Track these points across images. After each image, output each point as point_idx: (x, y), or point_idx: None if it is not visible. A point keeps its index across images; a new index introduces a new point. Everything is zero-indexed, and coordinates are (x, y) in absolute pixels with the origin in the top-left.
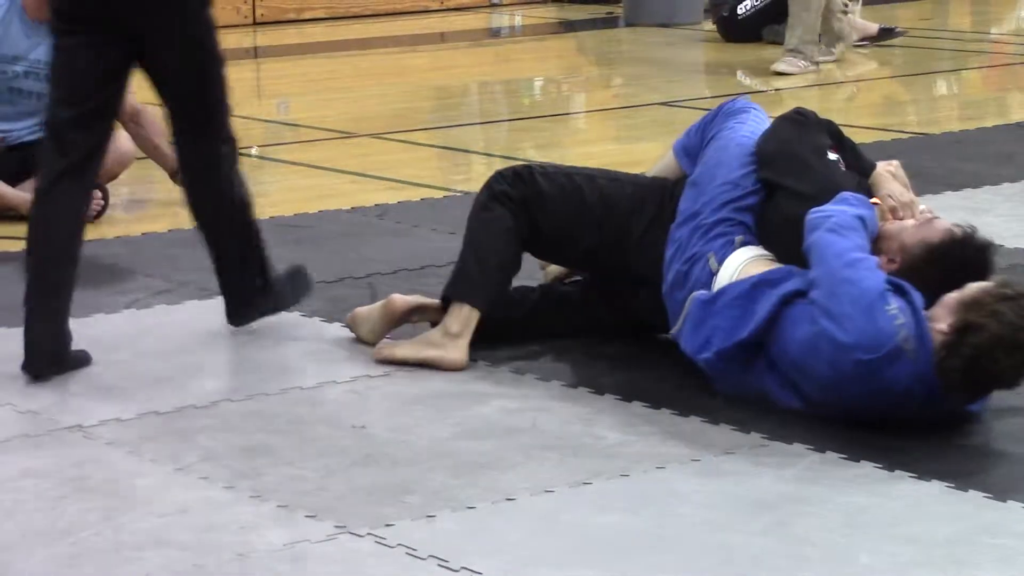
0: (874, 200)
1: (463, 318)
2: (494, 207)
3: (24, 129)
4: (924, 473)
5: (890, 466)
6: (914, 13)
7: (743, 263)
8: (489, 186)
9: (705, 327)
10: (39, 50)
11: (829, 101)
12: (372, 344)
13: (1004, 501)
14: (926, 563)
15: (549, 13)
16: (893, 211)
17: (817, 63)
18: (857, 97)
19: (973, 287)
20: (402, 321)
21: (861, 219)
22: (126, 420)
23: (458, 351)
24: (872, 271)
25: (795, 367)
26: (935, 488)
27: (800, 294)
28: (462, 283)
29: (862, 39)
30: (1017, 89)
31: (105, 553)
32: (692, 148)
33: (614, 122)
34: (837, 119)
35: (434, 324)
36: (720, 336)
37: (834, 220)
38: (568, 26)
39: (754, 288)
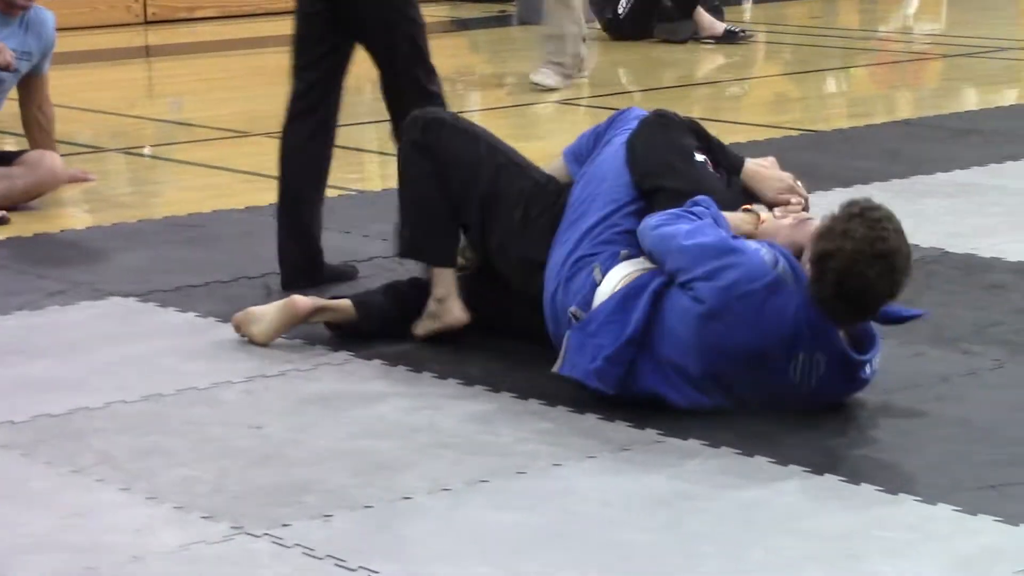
0: (746, 207)
1: (440, 280)
2: (413, 158)
3: None
4: (817, 468)
5: (783, 461)
6: (803, 11)
7: (624, 277)
8: (406, 133)
9: (587, 348)
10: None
11: (718, 99)
12: (262, 344)
13: (895, 495)
14: (819, 557)
15: (442, 11)
16: (779, 201)
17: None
18: (747, 95)
19: (823, 217)
20: (303, 321)
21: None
22: (19, 423)
23: (450, 314)
24: (714, 228)
25: (684, 347)
26: (828, 482)
27: (668, 284)
28: (420, 246)
29: (708, 38)
30: (905, 86)
31: None
32: (582, 154)
33: (507, 120)
34: (728, 116)
35: (330, 325)
36: (606, 347)
37: (656, 219)
38: (461, 24)
39: (624, 299)
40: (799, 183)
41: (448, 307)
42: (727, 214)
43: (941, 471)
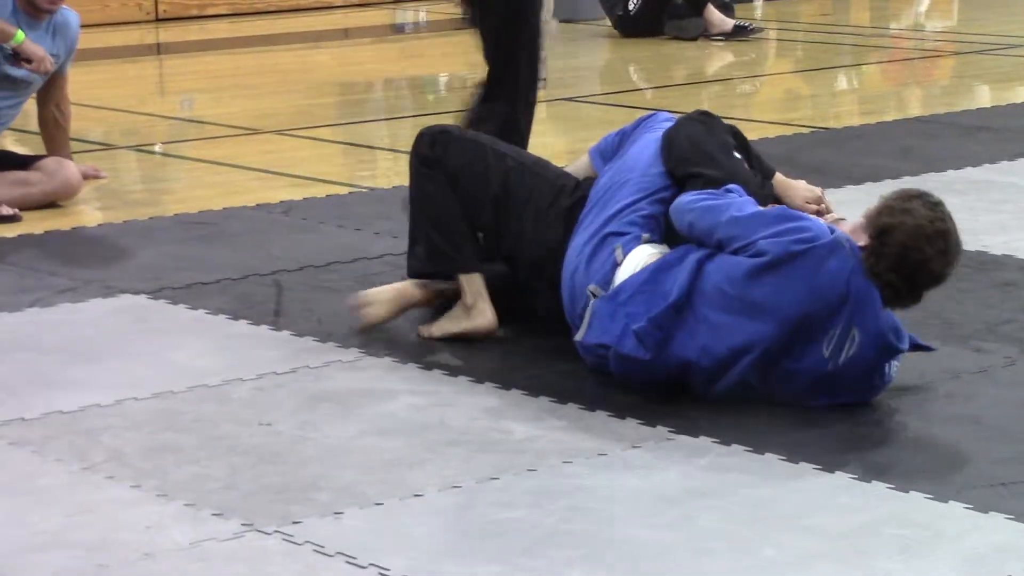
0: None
1: (468, 287)
2: (423, 171)
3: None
4: (828, 465)
5: (794, 459)
6: (815, 8)
7: (648, 256)
8: (415, 149)
9: (618, 316)
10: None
11: (730, 96)
12: (373, 324)
13: (907, 492)
14: (830, 555)
15: (453, 9)
16: (807, 209)
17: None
18: (758, 92)
19: (878, 201)
20: (420, 305)
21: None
22: (30, 419)
23: (482, 316)
24: (757, 205)
25: (730, 307)
26: (839, 480)
27: (710, 257)
28: (442, 260)
29: (718, 34)
30: (916, 84)
31: (10, 554)
32: (608, 152)
33: None
34: (739, 114)
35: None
36: (641, 312)
37: (694, 195)
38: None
39: (656, 271)
40: (826, 198)
41: (480, 309)
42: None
43: (952, 469)
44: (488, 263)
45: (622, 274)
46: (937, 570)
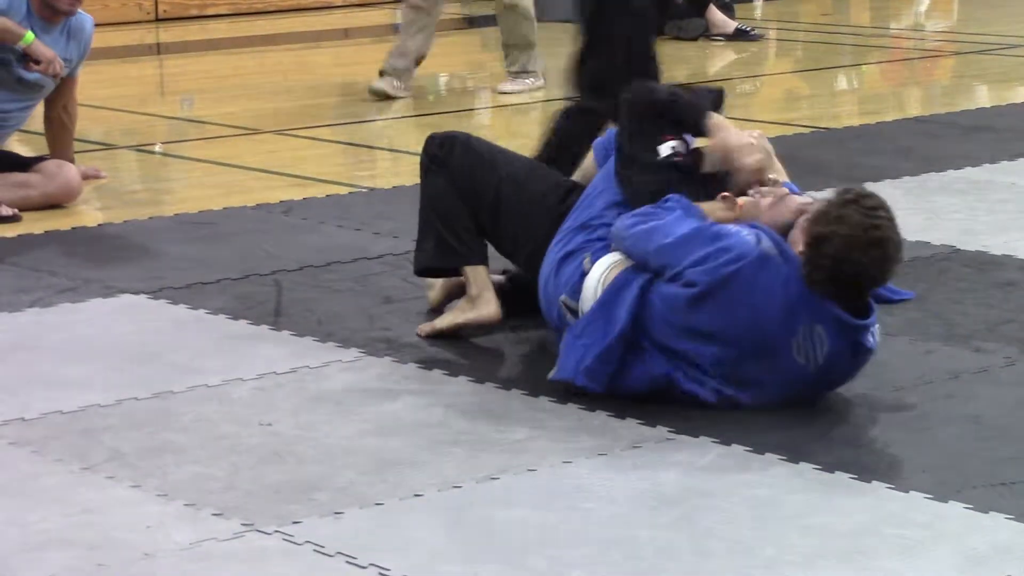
0: (724, 195)
1: (473, 279)
2: (432, 170)
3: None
4: (828, 465)
5: (794, 459)
6: (815, 8)
7: (611, 266)
8: (425, 150)
9: (575, 349)
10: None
11: (729, 96)
12: (432, 307)
13: (907, 492)
14: (830, 554)
15: (453, 9)
16: (754, 183)
17: (536, 75)
18: (758, 92)
19: (817, 202)
20: (461, 294)
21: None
22: (30, 420)
23: (487, 306)
24: (688, 220)
25: (686, 335)
26: (839, 479)
27: (653, 280)
28: (450, 254)
29: (718, 35)
30: (916, 84)
31: (9, 554)
32: (609, 149)
33: (519, 118)
34: (739, 114)
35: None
36: (594, 345)
37: (628, 220)
38: (472, 22)
39: (606, 300)
40: (763, 139)
41: (486, 299)
42: (704, 204)
43: (952, 468)
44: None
45: (588, 284)
46: (937, 570)
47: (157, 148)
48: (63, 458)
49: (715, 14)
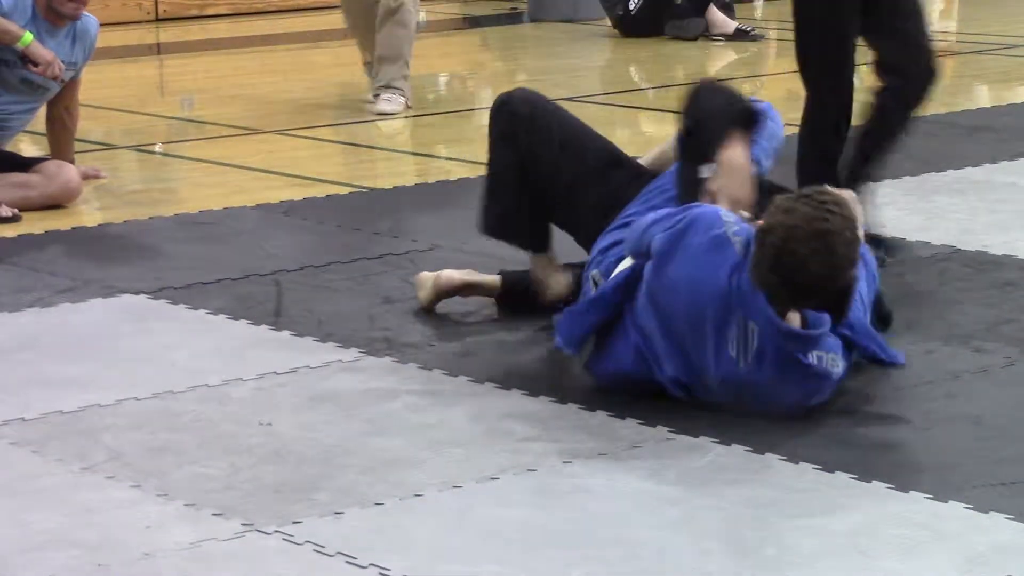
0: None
1: (537, 263)
2: (500, 143)
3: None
4: (828, 465)
5: (794, 459)
6: None
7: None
8: (495, 116)
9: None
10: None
11: None
12: (424, 308)
13: (907, 492)
14: (831, 554)
15: (453, 9)
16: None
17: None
18: (759, 92)
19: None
20: (452, 294)
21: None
22: (30, 420)
23: (559, 281)
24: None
25: (645, 314)
26: (839, 480)
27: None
28: (512, 233)
29: (718, 35)
30: None
31: (10, 553)
32: None
33: None
34: None
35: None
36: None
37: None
38: (472, 22)
39: (598, 294)
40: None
41: (555, 277)
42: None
43: (952, 468)
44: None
45: (619, 268)
46: (937, 570)
47: (157, 148)
48: (63, 458)
49: (715, 14)
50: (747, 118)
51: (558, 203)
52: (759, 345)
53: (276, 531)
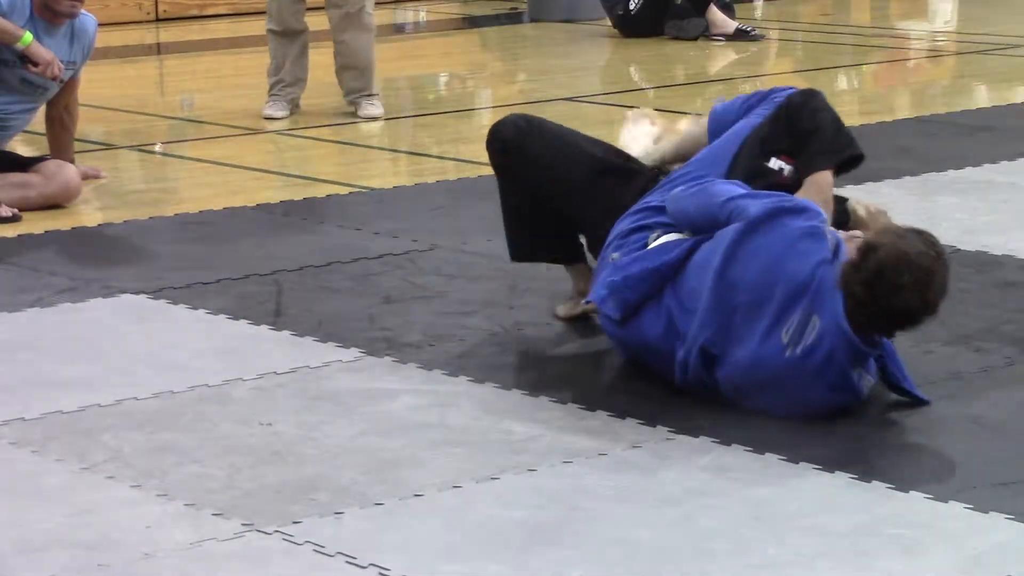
0: None
1: (576, 275)
2: (503, 176)
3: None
4: (828, 465)
5: (794, 459)
6: (815, 8)
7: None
8: (490, 150)
9: (612, 273)
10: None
11: (731, 96)
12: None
13: (907, 492)
14: (831, 554)
15: (453, 9)
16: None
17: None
18: None
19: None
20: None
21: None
22: (30, 420)
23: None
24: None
25: (706, 277)
26: (839, 480)
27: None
28: (535, 248)
29: (719, 35)
30: (916, 83)
31: (10, 553)
32: (727, 119)
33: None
34: None
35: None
36: (627, 269)
37: (689, 185)
38: (472, 22)
39: (663, 245)
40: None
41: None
42: None
43: (952, 468)
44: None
45: (660, 241)
46: (937, 570)
47: (157, 148)
48: (63, 458)
49: (716, 14)
50: (849, 162)
51: (564, 219)
52: (815, 341)
53: (276, 531)
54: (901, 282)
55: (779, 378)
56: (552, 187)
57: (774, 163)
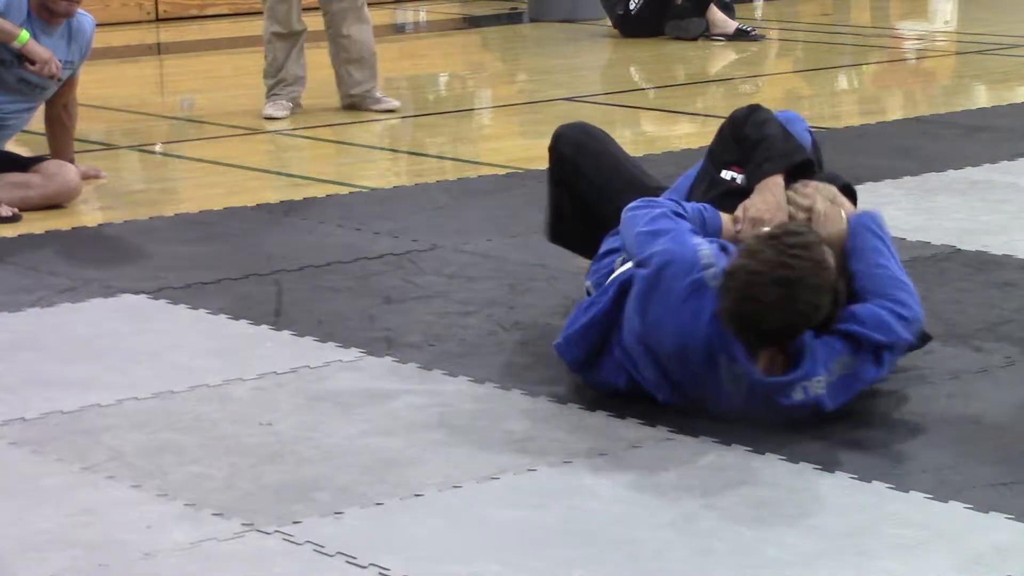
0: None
1: None
2: (551, 183)
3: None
4: (828, 465)
5: (794, 458)
6: (815, 8)
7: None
8: (549, 154)
9: (567, 327)
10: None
11: (730, 96)
12: None
13: (907, 492)
14: (831, 554)
15: (453, 9)
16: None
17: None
18: (759, 92)
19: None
20: None
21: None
22: (30, 419)
23: None
24: (673, 220)
25: (632, 335)
26: (839, 479)
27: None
28: (567, 240)
29: (719, 35)
30: (916, 83)
31: (10, 553)
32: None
33: (519, 117)
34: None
35: None
36: (577, 321)
37: (634, 203)
38: (472, 22)
39: (608, 285)
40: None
41: None
42: (724, 216)
43: (952, 468)
44: None
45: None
46: (937, 570)
47: (157, 148)
48: (63, 458)
49: (716, 14)
50: (801, 167)
51: (600, 225)
52: (749, 383)
53: (276, 531)
54: (763, 305)
55: (741, 407)
56: (598, 205)
57: (725, 174)
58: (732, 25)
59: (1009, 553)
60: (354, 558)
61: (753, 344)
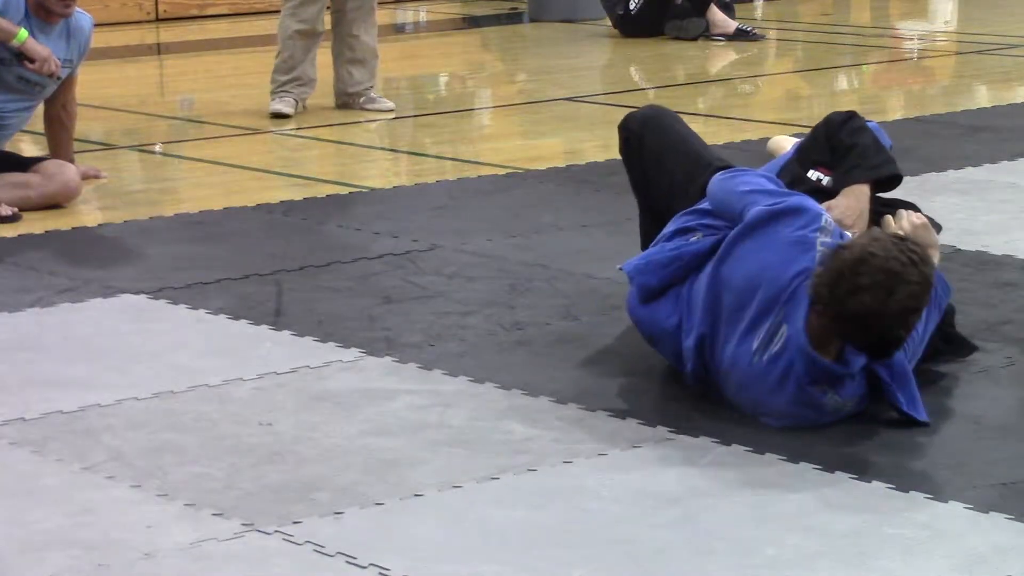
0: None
1: None
2: (624, 150)
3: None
4: (828, 465)
5: (794, 459)
6: (815, 8)
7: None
8: (625, 125)
9: (644, 255)
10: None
11: (730, 96)
12: None
13: (907, 492)
14: (830, 554)
15: (453, 9)
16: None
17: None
18: (759, 92)
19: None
20: None
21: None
22: (30, 420)
23: None
24: (776, 183)
25: (706, 281)
26: (839, 480)
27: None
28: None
29: (719, 35)
30: (916, 83)
31: (10, 553)
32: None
33: (519, 117)
34: (739, 114)
35: None
36: (660, 254)
37: (723, 173)
38: (472, 22)
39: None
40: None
41: None
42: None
43: (952, 469)
44: None
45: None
46: (937, 570)
47: (157, 148)
48: (63, 458)
49: (716, 14)
50: (889, 181)
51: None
52: (779, 350)
53: (276, 531)
54: (860, 283)
55: (746, 383)
56: (658, 177)
57: (812, 174)
58: (732, 25)
59: (1009, 553)
60: (354, 558)
61: (824, 319)
